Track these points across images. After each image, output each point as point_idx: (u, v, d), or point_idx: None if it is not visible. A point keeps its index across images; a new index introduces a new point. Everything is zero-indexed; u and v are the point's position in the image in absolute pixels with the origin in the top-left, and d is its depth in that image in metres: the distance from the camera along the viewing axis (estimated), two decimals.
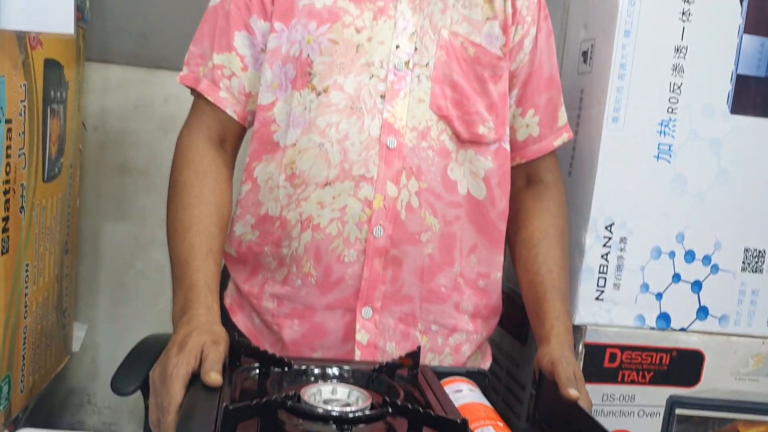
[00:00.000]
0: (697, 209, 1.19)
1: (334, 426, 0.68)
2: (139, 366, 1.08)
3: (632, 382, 1.20)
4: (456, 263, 1.03)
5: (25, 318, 1.17)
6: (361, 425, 0.70)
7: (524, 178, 1.14)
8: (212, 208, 0.97)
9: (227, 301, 1.10)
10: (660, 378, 1.21)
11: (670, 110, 1.16)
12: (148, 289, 1.88)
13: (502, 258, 1.09)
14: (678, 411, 1.22)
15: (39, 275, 1.23)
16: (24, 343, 1.17)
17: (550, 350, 0.96)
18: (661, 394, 1.21)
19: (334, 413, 0.69)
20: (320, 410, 0.69)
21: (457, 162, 1.02)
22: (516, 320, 1.41)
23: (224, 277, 1.06)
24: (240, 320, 1.07)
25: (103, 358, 1.88)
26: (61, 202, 1.36)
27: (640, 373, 1.20)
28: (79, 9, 1.33)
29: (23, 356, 1.17)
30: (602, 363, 1.19)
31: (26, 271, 1.15)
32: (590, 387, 0.98)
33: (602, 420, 0.99)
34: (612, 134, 1.15)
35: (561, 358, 0.93)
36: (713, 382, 1.22)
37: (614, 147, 1.15)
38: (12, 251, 1.06)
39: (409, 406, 0.69)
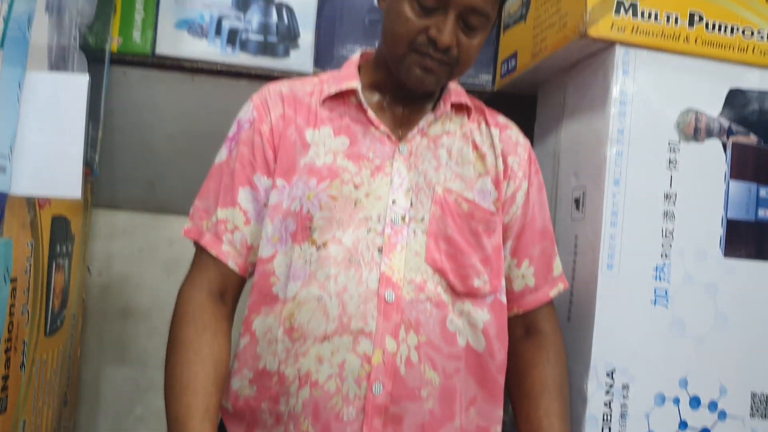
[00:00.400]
0: (698, 353, 1.18)
1: None
2: None
3: None
4: (456, 417, 1.02)
5: None
6: None
7: (522, 328, 1.14)
8: (210, 366, 0.97)
9: None
10: None
11: (663, 255, 1.18)
12: None
13: (501, 412, 1.07)
14: None
15: (36, 430, 1.21)
16: None
17: None
18: None
19: None
20: None
21: (455, 314, 1.03)
22: None
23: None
24: None
25: None
26: (62, 354, 1.36)
27: None
28: (88, 164, 1.38)
29: None
30: None
31: (23, 428, 1.13)
32: None
33: None
34: (608, 280, 1.16)
35: None
36: None
37: (611, 293, 1.16)
38: (10, 409, 1.05)
39: None
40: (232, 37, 1.57)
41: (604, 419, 1.15)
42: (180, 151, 1.75)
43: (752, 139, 1.22)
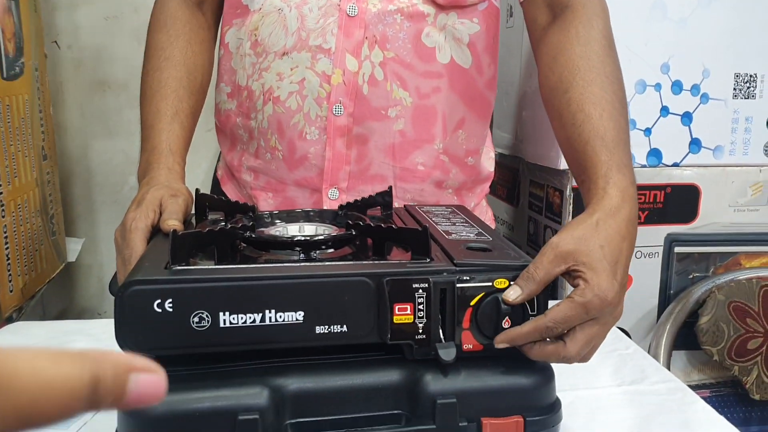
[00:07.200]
0: (680, 36, 1.13)
1: (296, 251, 0.66)
2: None
3: None
4: (437, 140, 0.96)
5: (3, 217, 1.15)
6: (324, 250, 0.67)
7: (546, 12, 0.92)
8: (182, 71, 0.93)
9: (219, 173, 1.08)
10: (656, 216, 1.18)
11: None
12: None
13: (488, 131, 1.03)
14: (677, 249, 1.19)
15: (13, 176, 1.21)
16: (6, 244, 1.16)
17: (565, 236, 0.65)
18: (659, 233, 1.19)
19: (295, 239, 0.67)
20: (281, 238, 0.67)
21: (436, 27, 0.92)
22: (507, 185, 1.38)
23: None
24: (229, 190, 1.05)
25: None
26: (30, 104, 1.33)
27: None
28: None
29: (7, 256, 1.17)
30: None
31: None
32: None
33: None
34: None
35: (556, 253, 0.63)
36: (711, 216, 1.19)
37: None
38: None
39: (372, 224, 0.67)
40: None
41: None
42: None
43: None
